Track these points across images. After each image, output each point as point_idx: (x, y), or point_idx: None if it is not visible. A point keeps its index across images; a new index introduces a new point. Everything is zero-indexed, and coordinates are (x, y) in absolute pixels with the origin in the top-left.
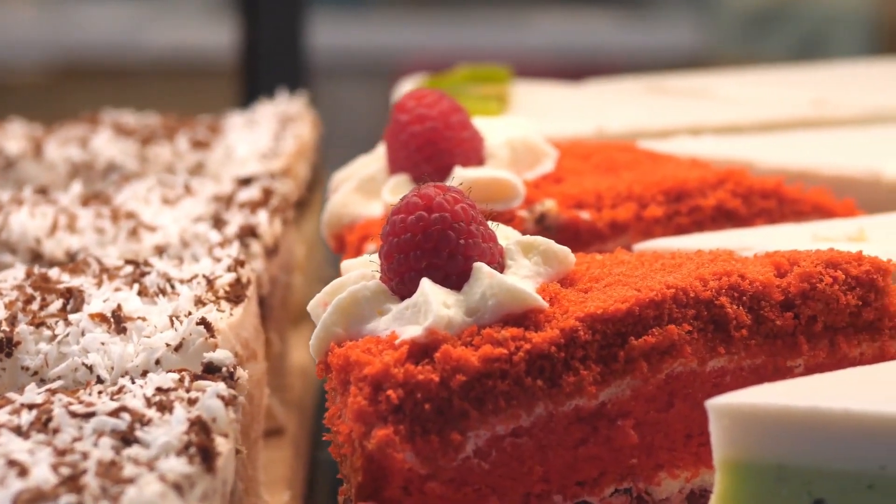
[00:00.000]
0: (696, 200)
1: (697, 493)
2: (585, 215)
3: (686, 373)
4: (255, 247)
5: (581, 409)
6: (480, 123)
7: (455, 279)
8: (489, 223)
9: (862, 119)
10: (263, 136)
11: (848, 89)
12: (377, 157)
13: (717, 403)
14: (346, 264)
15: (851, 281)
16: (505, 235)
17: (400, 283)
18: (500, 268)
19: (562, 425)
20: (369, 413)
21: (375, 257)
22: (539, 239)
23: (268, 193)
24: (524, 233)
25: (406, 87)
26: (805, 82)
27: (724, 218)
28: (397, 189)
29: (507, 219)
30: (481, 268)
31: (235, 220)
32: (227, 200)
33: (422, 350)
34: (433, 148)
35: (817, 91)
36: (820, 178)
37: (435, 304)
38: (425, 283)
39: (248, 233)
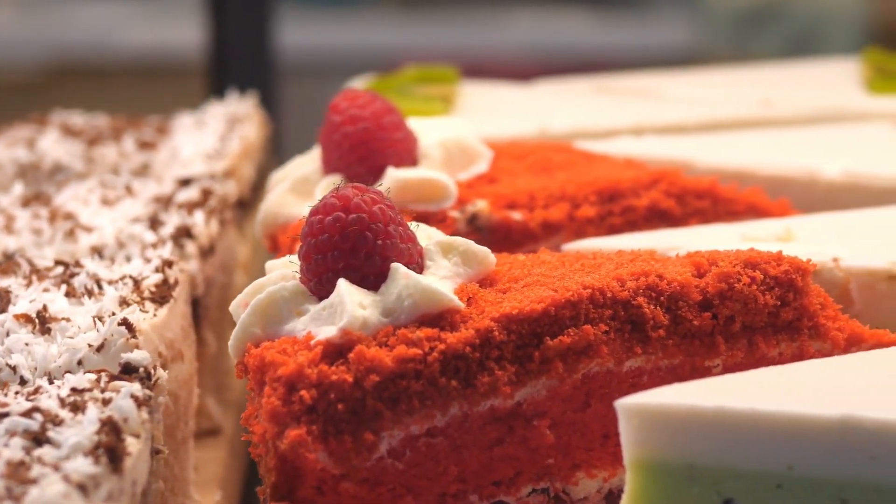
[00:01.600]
0: (630, 201)
1: (616, 493)
2: (517, 216)
3: (603, 373)
4: (190, 247)
5: (496, 409)
6: (414, 124)
7: (373, 280)
8: (410, 224)
9: (808, 119)
10: (210, 137)
11: (796, 89)
12: (312, 158)
13: (627, 403)
14: (269, 264)
15: (770, 281)
16: (428, 236)
17: (318, 284)
18: (420, 268)
19: (477, 425)
20: (282, 413)
21: (296, 258)
22: (458, 239)
23: (206, 194)
24: (455, 233)
25: (356, 86)
26: (754, 82)
27: (658, 218)
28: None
29: (439, 219)
30: (398, 268)
31: (172, 220)
32: (166, 201)
33: (336, 350)
34: (365, 148)
35: (766, 91)
36: (758, 178)
37: (350, 304)
38: (341, 284)
39: (183, 233)
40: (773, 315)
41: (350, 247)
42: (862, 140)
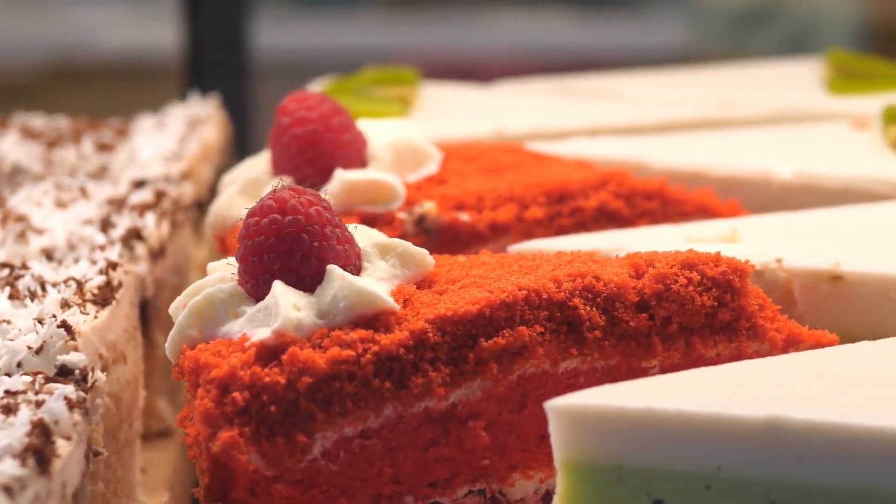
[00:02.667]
0: (578, 202)
1: (553, 494)
2: (465, 217)
3: (538, 374)
4: (140, 249)
5: (431, 410)
6: (364, 126)
7: (309, 281)
8: (349, 226)
9: (766, 119)
10: (169, 139)
11: (756, 90)
12: (262, 160)
13: (556, 405)
14: (211, 266)
15: (707, 282)
16: (368, 237)
17: (254, 286)
18: (357, 270)
19: (411, 427)
20: (215, 415)
21: (234, 260)
22: (396, 241)
23: (159, 196)
24: (403, 235)
25: (315, 88)
26: (715, 83)
27: (607, 219)
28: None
29: (387, 221)
30: (333, 270)
31: (123, 223)
32: (119, 203)
33: (270, 352)
34: (314, 150)
35: (726, 91)
36: (711, 179)
37: (284, 306)
38: (276, 286)
39: (133, 235)
40: (710, 316)
41: (286, 249)
42: (818, 140)
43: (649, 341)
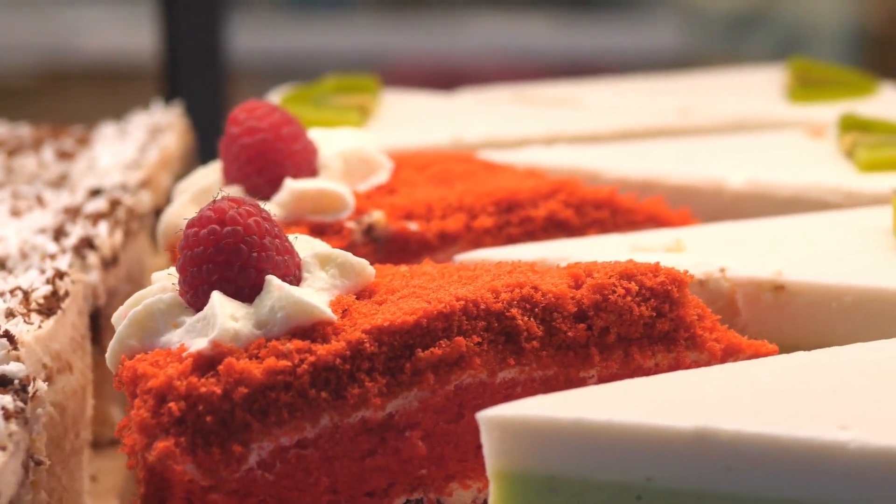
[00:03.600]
0: (528, 211)
1: None
2: (414, 226)
3: (476, 384)
4: (92, 258)
5: (368, 420)
6: (315, 135)
7: (248, 292)
8: (290, 236)
9: (724, 127)
10: (130, 147)
11: (716, 98)
12: (214, 169)
13: (488, 415)
14: (154, 276)
15: (646, 292)
16: (310, 247)
17: (194, 296)
18: (297, 280)
19: (348, 437)
20: (151, 425)
21: (175, 270)
22: (336, 252)
23: (114, 205)
24: (352, 244)
25: (275, 96)
26: (676, 90)
27: (556, 228)
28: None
29: (336, 230)
30: (272, 280)
31: (76, 231)
32: (74, 212)
33: (207, 363)
34: (263, 160)
35: (686, 99)
36: (664, 188)
37: (221, 316)
38: (215, 296)
39: (85, 244)
40: (648, 326)
41: (224, 259)
42: (773, 149)
43: (587, 351)
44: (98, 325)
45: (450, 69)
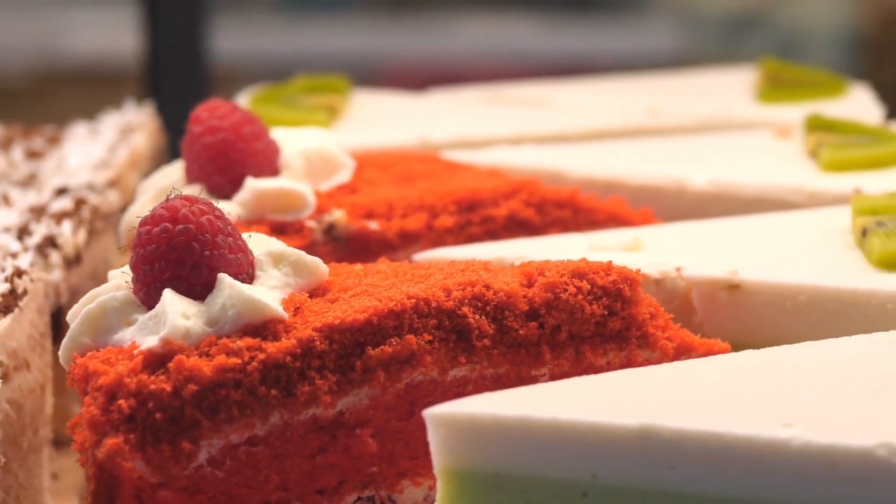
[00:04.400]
0: (489, 210)
1: None
2: (374, 225)
3: (426, 382)
4: (55, 257)
5: (318, 418)
6: (277, 134)
7: (200, 290)
8: (245, 234)
9: (693, 128)
10: (99, 147)
11: (686, 98)
12: (177, 168)
13: (434, 413)
14: (111, 274)
15: (598, 291)
16: (263, 246)
17: (147, 294)
18: (250, 279)
19: (298, 434)
20: (101, 422)
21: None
22: (290, 250)
23: (79, 204)
24: (312, 243)
25: (244, 98)
26: (647, 91)
27: (518, 227)
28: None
29: (297, 229)
30: (223, 279)
31: (40, 230)
32: (40, 211)
33: (158, 360)
34: (225, 159)
35: (656, 100)
36: (627, 188)
37: (172, 314)
38: (166, 294)
39: (48, 243)
40: (600, 325)
41: (176, 257)
42: (739, 149)
43: (538, 350)
44: (60, 323)
45: (441, 71)
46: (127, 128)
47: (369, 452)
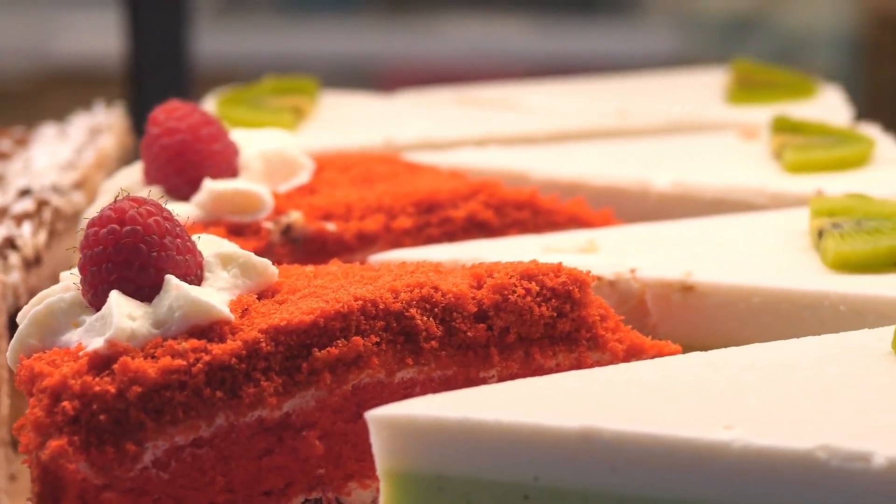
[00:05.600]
0: (448, 212)
1: None
2: (331, 227)
3: (374, 384)
4: (14, 258)
5: (265, 419)
6: (237, 136)
7: (147, 291)
8: (195, 236)
9: (661, 129)
10: (67, 148)
11: (656, 100)
12: (136, 170)
13: (376, 415)
14: (62, 275)
15: (547, 292)
16: (214, 247)
17: (94, 296)
18: (198, 280)
19: (244, 436)
20: (46, 424)
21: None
22: (238, 251)
23: (41, 205)
24: (270, 245)
25: (212, 99)
26: (618, 92)
27: (476, 229)
28: (166, 201)
29: (254, 231)
30: (170, 280)
31: (0, 232)
32: (2, 212)
33: (103, 362)
34: (182, 160)
35: (626, 101)
36: (591, 189)
37: (118, 316)
38: (112, 296)
39: (7, 245)
40: (549, 326)
41: (123, 259)
42: (705, 150)
43: (487, 351)
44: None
45: (438, 73)
46: (96, 129)
47: (316, 454)
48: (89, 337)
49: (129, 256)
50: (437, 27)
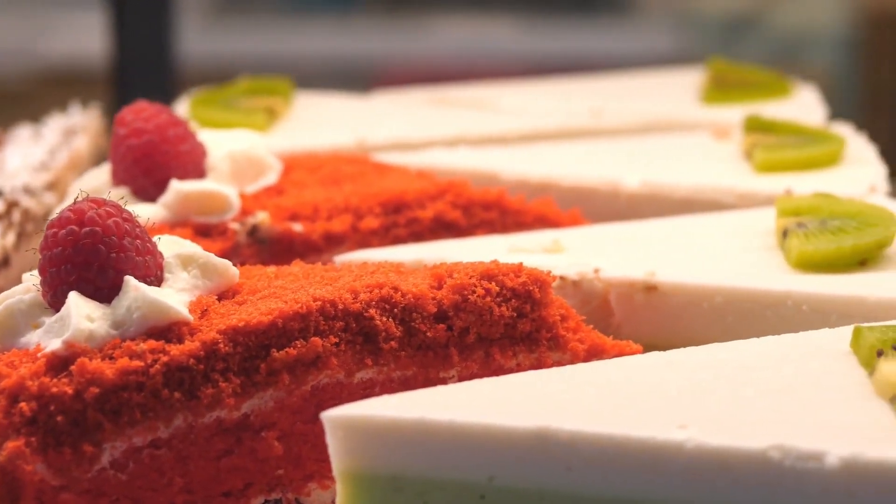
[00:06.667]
0: (415, 212)
1: None
2: (298, 227)
3: (333, 384)
4: None
5: (223, 420)
6: (205, 137)
7: (107, 292)
8: (156, 237)
9: (635, 129)
10: (40, 150)
11: (630, 99)
12: (104, 171)
13: (332, 415)
14: (24, 276)
15: (507, 292)
16: (174, 248)
17: (54, 297)
18: (158, 281)
19: (203, 437)
20: (3, 426)
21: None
22: (199, 252)
23: (10, 206)
24: (236, 246)
25: (186, 99)
26: (592, 92)
27: (444, 229)
28: (126, 202)
29: (221, 231)
30: (129, 281)
31: None
32: None
33: (61, 363)
34: (150, 161)
35: (600, 101)
36: (561, 189)
37: (76, 317)
38: (71, 297)
39: None
40: (509, 327)
41: (83, 260)
42: (677, 150)
43: (447, 352)
44: None
45: (435, 74)
46: (70, 130)
47: (275, 455)
48: (48, 338)
49: (88, 258)
50: (431, 27)
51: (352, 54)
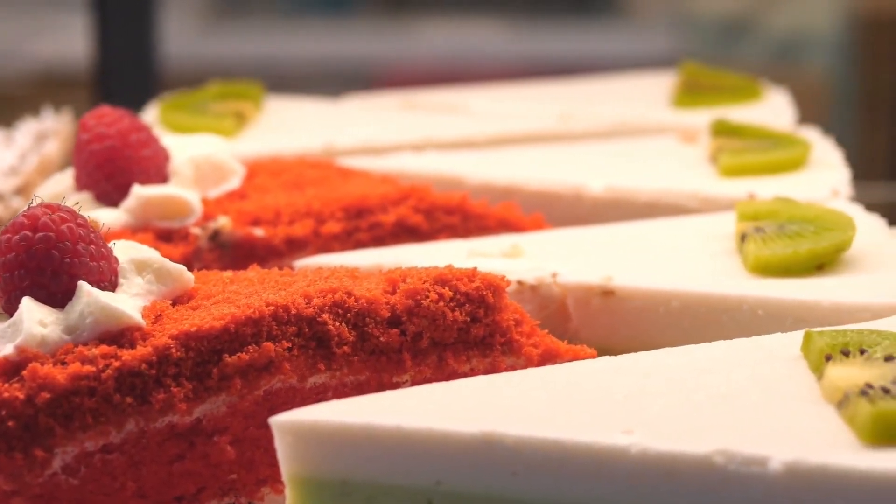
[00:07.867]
0: (377, 216)
1: None
2: (259, 232)
3: (285, 389)
4: None
5: (175, 425)
6: (168, 141)
7: (60, 298)
8: (111, 242)
9: (603, 133)
10: (11, 154)
11: (600, 103)
12: (68, 175)
13: (280, 420)
14: None
15: (461, 297)
16: (129, 253)
17: (7, 302)
18: (112, 286)
19: (155, 441)
20: None
21: None
22: (153, 257)
23: None
24: (198, 250)
25: (153, 108)
26: (563, 96)
27: (406, 234)
28: (81, 207)
29: (182, 236)
30: (82, 286)
31: None
32: None
33: (13, 368)
34: (112, 166)
35: (570, 105)
36: (526, 193)
37: (28, 322)
38: (24, 302)
39: None
40: (463, 331)
41: (36, 265)
42: (644, 154)
43: (400, 356)
44: None
45: (434, 74)
46: (42, 135)
47: (228, 459)
48: (1, 343)
49: (41, 263)
50: (423, 30)
51: (344, 57)
